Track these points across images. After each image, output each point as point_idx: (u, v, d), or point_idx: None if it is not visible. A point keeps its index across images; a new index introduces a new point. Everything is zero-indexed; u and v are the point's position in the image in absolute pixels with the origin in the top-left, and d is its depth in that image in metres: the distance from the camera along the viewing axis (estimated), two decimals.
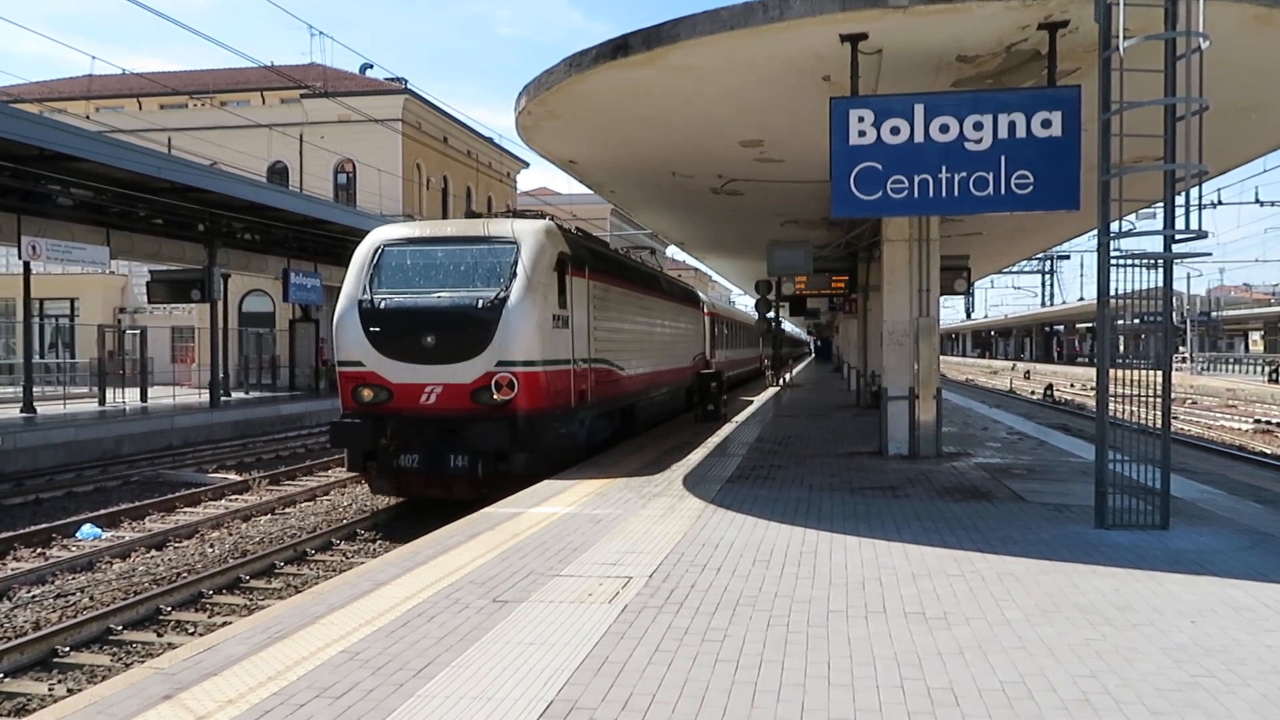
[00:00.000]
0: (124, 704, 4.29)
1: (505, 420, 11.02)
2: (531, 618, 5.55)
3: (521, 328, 11.24)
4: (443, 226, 12.76)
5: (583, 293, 13.25)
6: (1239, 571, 6.55)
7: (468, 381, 11.25)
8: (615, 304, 15.27)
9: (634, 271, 18.04)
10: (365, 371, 11.60)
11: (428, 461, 11.39)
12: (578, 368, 12.77)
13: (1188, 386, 44.14)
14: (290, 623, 5.51)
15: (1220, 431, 28.67)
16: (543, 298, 11.55)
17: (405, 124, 41.95)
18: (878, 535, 7.82)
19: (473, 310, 11.31)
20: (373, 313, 11.62)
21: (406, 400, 11.45)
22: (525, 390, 11.23)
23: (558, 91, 9.77)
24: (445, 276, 11.71)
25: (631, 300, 16.61)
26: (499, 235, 11.90)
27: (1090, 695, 4.30)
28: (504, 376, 11.15)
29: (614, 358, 14.92)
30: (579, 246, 13.57)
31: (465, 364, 11.24)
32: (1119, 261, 7.94)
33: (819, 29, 7.99)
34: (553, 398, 11.82)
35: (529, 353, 11.31)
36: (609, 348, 14.63)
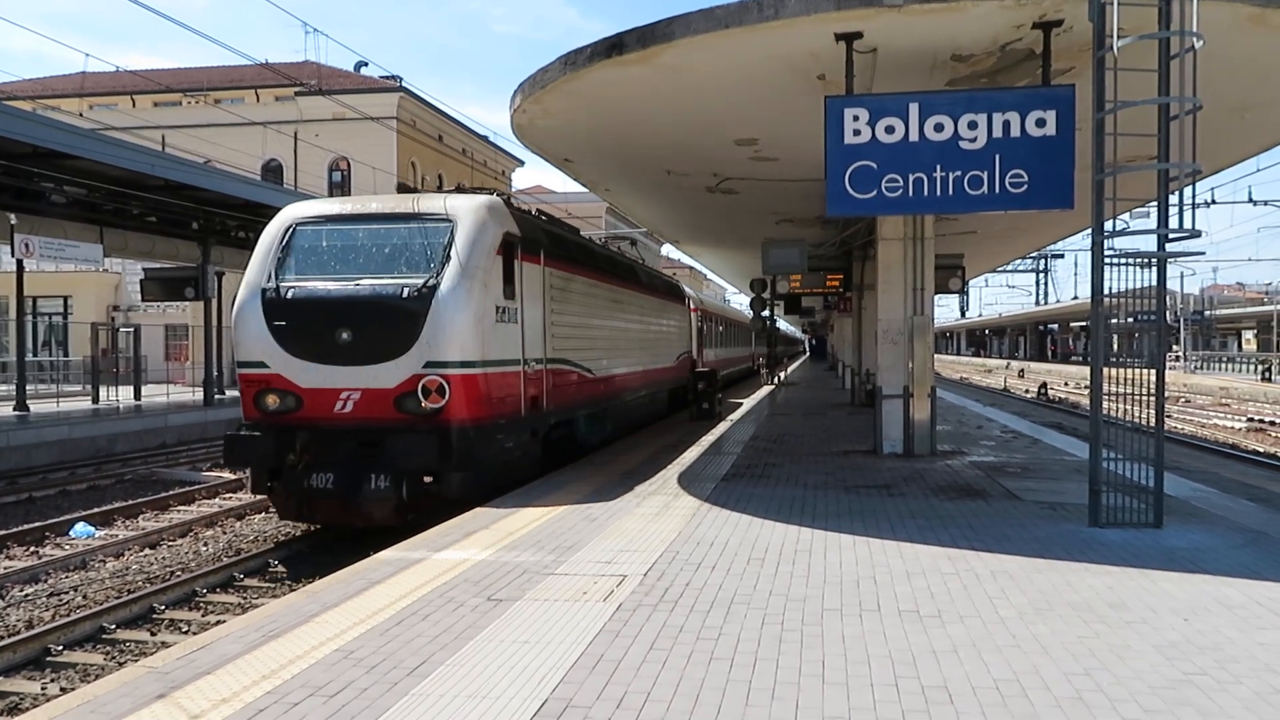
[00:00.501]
0: (117, 703, 4.28)
1: (435, 432, 9.33)
2: (525, 616, 5.55)
3: (455, 321, 9.51)
4: (367, 202, 10.79)
5: (537, 282, 11.48)
6: (1232, 569, 6.57)
7: (391, 386, 9.54)
8: (580, 296, 13.53)
9: (604, 260, 15.96)
10: (269, 374, 9.88)
11: (344, 482, 9.61)
12: (530, 369, 11.05)
13: (1181, 385, 44.27)
14: (284, 621, 5.50)
15: (1213, 430, 28.77)
16: (482, 286, 9.79)
17: (400, 122, 41.91)
18: (872, 533, 7.83)
19: (396, 300, 9.56)
20: (278, 304, 9.86)
21: (318, 408, 9.73)
22: (460, 396, 9.50)
23: (553, 90, 9.76)
24: (366, 260, 10.00)
25: (600, 292, 14.81)
26: (430, 212, 10.15)
27: (1084, 693, 4.31)
28: (433, 380, 9.44)
29: (578, 358, 13.20)
30: (532, 228, 11.71)
31: (388, 365, 9.54)
32: (1113, 260, 7.96)
33: (814, 28, 8.00)
34: (496, 405, 10.07)
35: (464, 351, 9.58)
36: (571, 346, 12.92)
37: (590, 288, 14.14)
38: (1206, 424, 30.29)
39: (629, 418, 17.18)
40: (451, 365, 9.51)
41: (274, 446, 9.74)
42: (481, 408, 9.81)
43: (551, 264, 12.10)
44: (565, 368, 12.58)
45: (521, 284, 10.87)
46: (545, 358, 11.64)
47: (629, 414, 17.16)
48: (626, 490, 10.16)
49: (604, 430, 15.21)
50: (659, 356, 19.99)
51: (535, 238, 11.60)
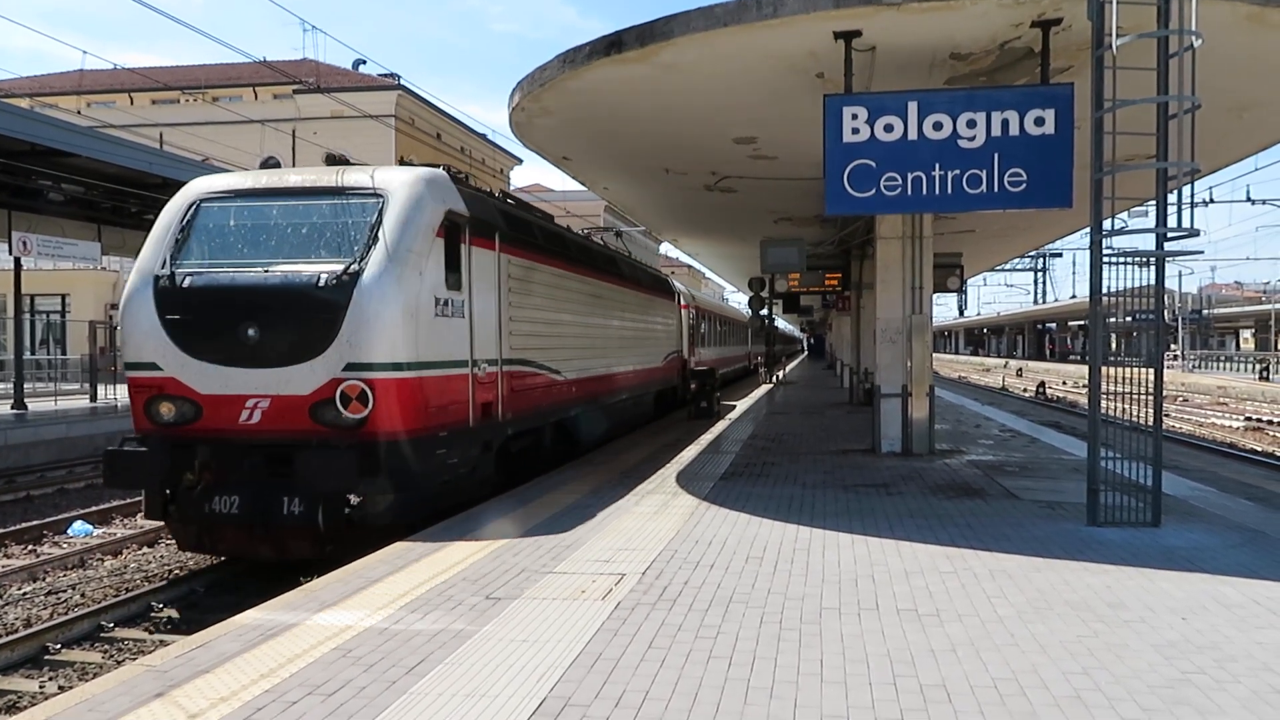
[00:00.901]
0: (115, 701, 4.27)
1: (357, 448, 7.91)
2: (524, 615, 5.54)
3: (381, 315, 8.10)
4: (285, 175, 9.32)
5: (490, 270, 10.02)
6: (1230, 568, 6.58)
7: (305, 392, 8.11)
8: (547, 288, 12.08)
9: (578, 249, 14.25)
10: (163, 378, 8.39)
11: (251, 506, 8.22)
12: (481, 372, 9.62)
13: (1179, 384, 44.31)
14: (283, 620, 5.49)
15: (1211, 429, 28.79)
16: (416, 273, 8.41)
17: (398, 120, 41.89)
18: (870, 532, 7.83)
19: (310, 290, 8.14)
20: (173, 294, 8.42)
21: (221, 418, 8.29)
22: (387, 404, 8.09)
23: (551, 88, 9.76)
24: (280, 243, 8.60)
25: (573, 285, 13.36)
26: (357, 186, 8.75)
27: (1082, 692, 4.31)
28: (354, 385, 8.02)
29: (543, 358, 11.82)
30: (484, 207, 10.17)
31: (302, 368, 8.10)
32: (1111, 259, 7.96)
33: (813, 26, 7.99)
34: (435, 414, 8.66)
35: (393, 350, 8.17)
36: (536, 345, 11.52)
37: (560, 279, 12.74)
38: (1204, 423, 30.32)
39: (608, 424, 15.73)
40: (377, 367, 8.11)
41: (168, 464, 8.28)
42: (416, 417, 8.39)
43: (510, 250, 10.66)
44: (528, 369, 11.20)
45: (470, 272, 9.43)
46: (501, 358, 10.23)
47: (608, 420, 15.73)
48: (625, 489, 10.16)
49: (577, 439, 13.80)
50: (644, 356, 18.70)
51: (488, 219, 10.11)
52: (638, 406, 18.39)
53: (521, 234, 11.30)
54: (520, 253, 11.07)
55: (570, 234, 14.79)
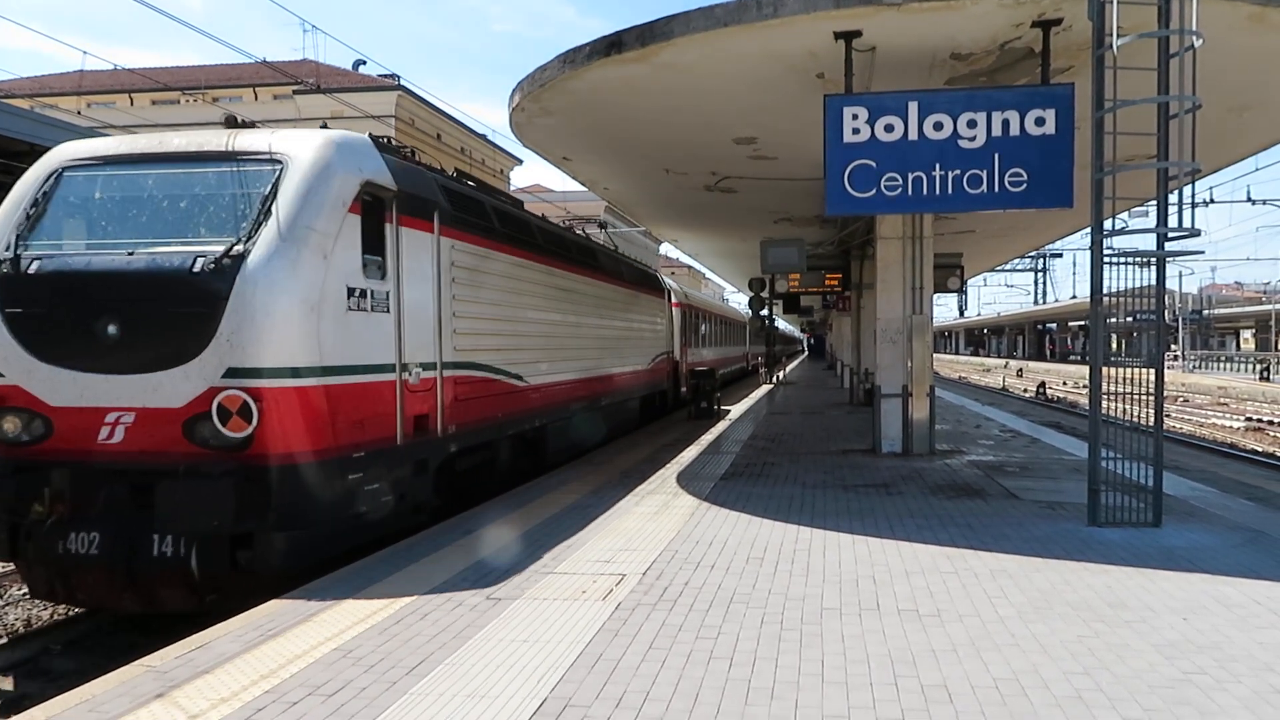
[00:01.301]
0: (115, 702, 4.27)
1: (237, 474, 6.50)
2: (524, 615, 5.54)
3: (272, 307, 6.64)
4: (167, 139, 7.64)
5: (427, 256, 8.57)
6: (1231, 569, 6.57)
7: (178, 404, 6.59)
8: (504, 280, 10.55)
9: (547, 237, 12.60)
10: (4, 386, 6.91)
11: (113, 546, 6.62)
12: (414, 378, 8.19)
13: (1180, 384, 44.30)
14: (283, 620, 5.49)
15: (1212, 429, 28.78)
16: (319, 257, 6.93)
17: (398, 120, 41.90)
18: (871, 532, 7.82)
19: (183, 277, 6.62)
20: (17, 283, 6.91)
21: (76, 437, 6.78)
22: (280, 419, 6.62)
23: (551, 88, 9.76)
24: (153, 219, 7.11)
25: (537, 277, 11.76)
26: (250, 151, 7.26)
27: (1083, 692, 4.31)
28: (234, 395, 6.53)
29: (499, 360, 10.27)
30: (419, 182, 8.62)
31: (173, 374, 6.59)
32: (1112, 259, 7.96)
33: (813, 26, 7.99)
34: (348, 429, 7.20)
35: (287, 352, 6.71)
36: (489, 346, 10.00)
37: (523, 270, 11.16)
38: (1205, 423, 30.31)
39: (583, 434, 14.24)
40: (267, 373, 6.59)
41: (13, 492, 6.80)
42: (318, 435, 6.87)
43: (457, 234, 9.13)
44: (479, 374, 9.64)
45: (399, 258, 8.01)
46: (442, 361, 8.71)
47: (583, 429, 14.25)
48: (625, 489, 10.15)
49: (544, 453, 12.31)
50: (627, 358, 17.22)
51: (425, 195, 8.60)
52: (621, 413, 16.93)
53: (472, 216, 9.73)
54: (470, 238, 9.53)
55: (539, 220, 13.04)
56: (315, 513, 6.87)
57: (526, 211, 12.45)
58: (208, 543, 6.58)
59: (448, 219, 8.98)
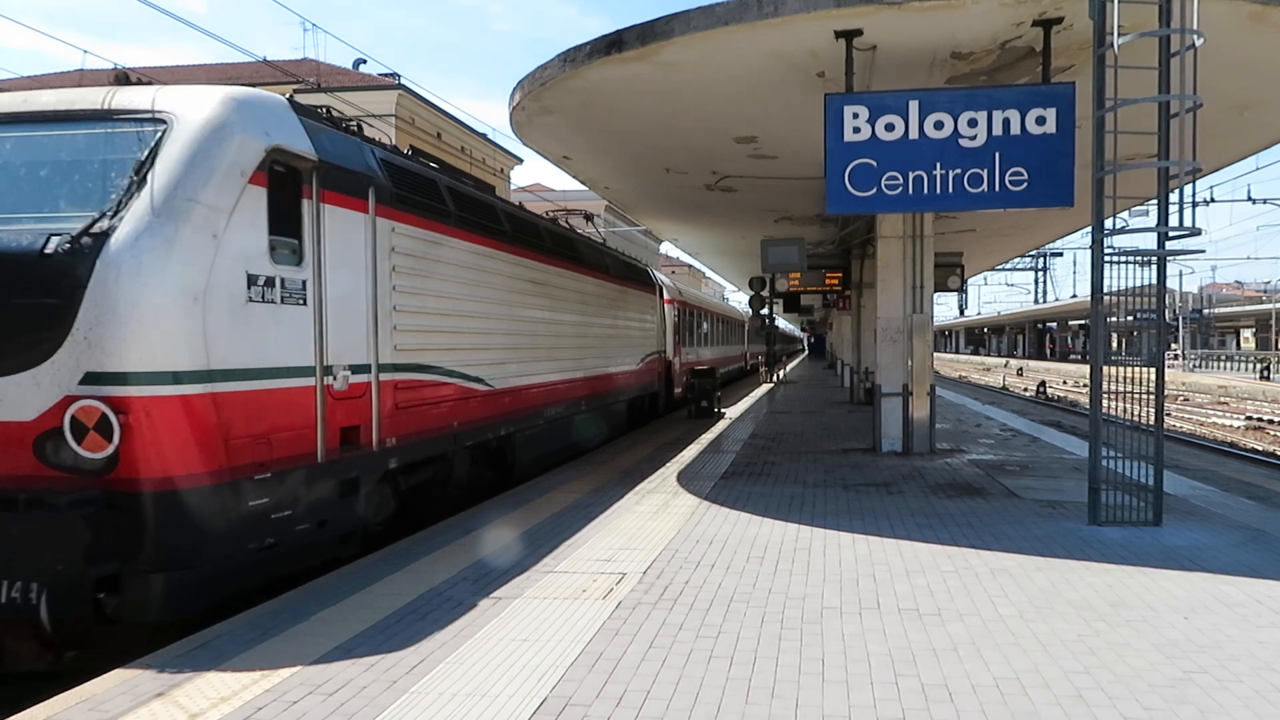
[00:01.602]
0: (115, 701, 4.27)
1: (97, 504, 5.38)
2: (525, 614, 5.54)
3: (141, 296, 5.49)
4: (35, 97, 6.52)
5: (359, 240, 7.34)
6: (1231, 568, 6.57)
7: (28, 417, 5.45)
8: (463, 270, 9.33)
9: (514, 223, 11.21)
10: None
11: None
12: (340, 383, 6.98)
13: (1180, 383, 44.30)
14: (284, 619, 5.49)
15: (1212, 428, 28.77)
16: (206, 236, 5.75)
17: (399, 119, 41.86)
18: (871, 531, 7.82)
19: (32, 260, 5.46)
20: None
21: None
22: (155, 434, 5.47)
23: (552, 87, 9.75)
24: (6, 191, 5.93)
25: (504, 268, 10.47)
26: (130, 109, 6.08)
27: (1084, 691, 4.30)
28: (90, 407, 5.39)
29: (453, 362, 9.04)
30: (349, 152, 7.45)
31: (22, 379, 5.44)
32: (1112, 259, 7.96)
33: (814, 25, 7.99)
34: (248, 446, 5.98)
35: (163, 353, 5.55)
36: (442, 345, 8.79)
37: (484, 260, 9.88)
38: (1205, 422, 30.30)
39: (558, 441, 13.06)
40: (135, 379, 5.44)
41: None
42: (207, 454, 5.66)
43: (399, 215, 7.99)
44: (427, 378, 8.47)
45: (321, 241, 6.82)
46: (378, 362, 7.54)
47: (559, 437, 13.05)
48: (625, 488, 10.15)
49: (511, 464, 11.12)
50: (613, 358, 15.97)
51: (357, 168, 7.41)
52: (605, 418, 15.75)
53: (421, 196, 8.56)
54: (419, 221, 8.39)
55: (507, 206, 11.72)
56: (203, 548, 5.69)
57: (494, 196, 11.22)
58: (61, 587, 5.34)
59: (388, 198, 7.84)
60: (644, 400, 19.25)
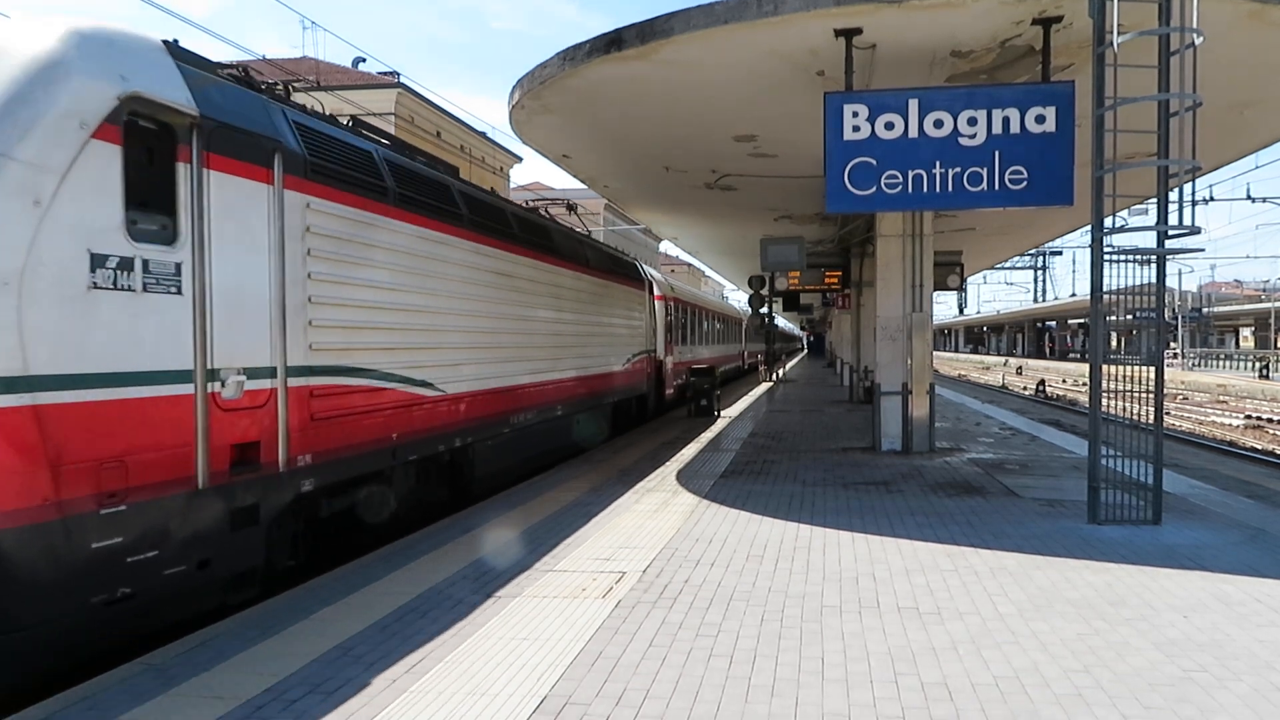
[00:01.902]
0: (115, 700, 4.26)
1: None
2: (524, 613, 5.54)
3: None
4: None
5: (260, 217, 6.15)
6: (1231, 566, 6.58)
7: None
8: (404, 258, 8.06)
9: (470, 206, 9.84)
10: None
11: None
12: (235, 391, 5.87)
13: (1179, 382, 44.32)
14: (282, 618, 5.49)
15: (1211, 427, 28.79)
16: (25, 202, 4.65)
17: (398, 118, 41.83)
18: (871, 530, 7.82)
19: None
20: None
21: None
22: None
23: (551, 85, 9.75)
24: None
25: (458, 255, 9.21)
26: None
27: (1083, 690, 4.31)
28: None
29: (390, 363, 7.76)
30: (249, 112, 6.24)
31: None
32: (1112, 257, 7.96)
33: (813, 23, 7.99)
34: (91, 474, 4.83)
35: None
36: (376, 344, 7.56)
37: (434, 246, 8.70)
38: (1204, 421, 30.32)
39: (525, 451, 11.67)
40: None
41: None
42: (22, 486, 4.53)
43: (319, 190, 6.78)
44: (356, 383, 7.25)
45: (205, 216, 5.64)
46: (289, 365, 6.31)
47: (526, 445, 11.65)
48: (625, 487, 10.15)
49: (466, 478, 9.81)
50: (594, 358, 14.68)
51: (257, 130, 6.17)
52: (583, 425, 14.46)
53: (348, 168, 7.35)
54: (346, 197, 7.19)
55: (466, 186, 10.30)
56: (19, 607, 4.55)
57: (450, 175, 9.95)
58: None
59: (302, 168, 6.61)
60: (630, 403, 18.12)
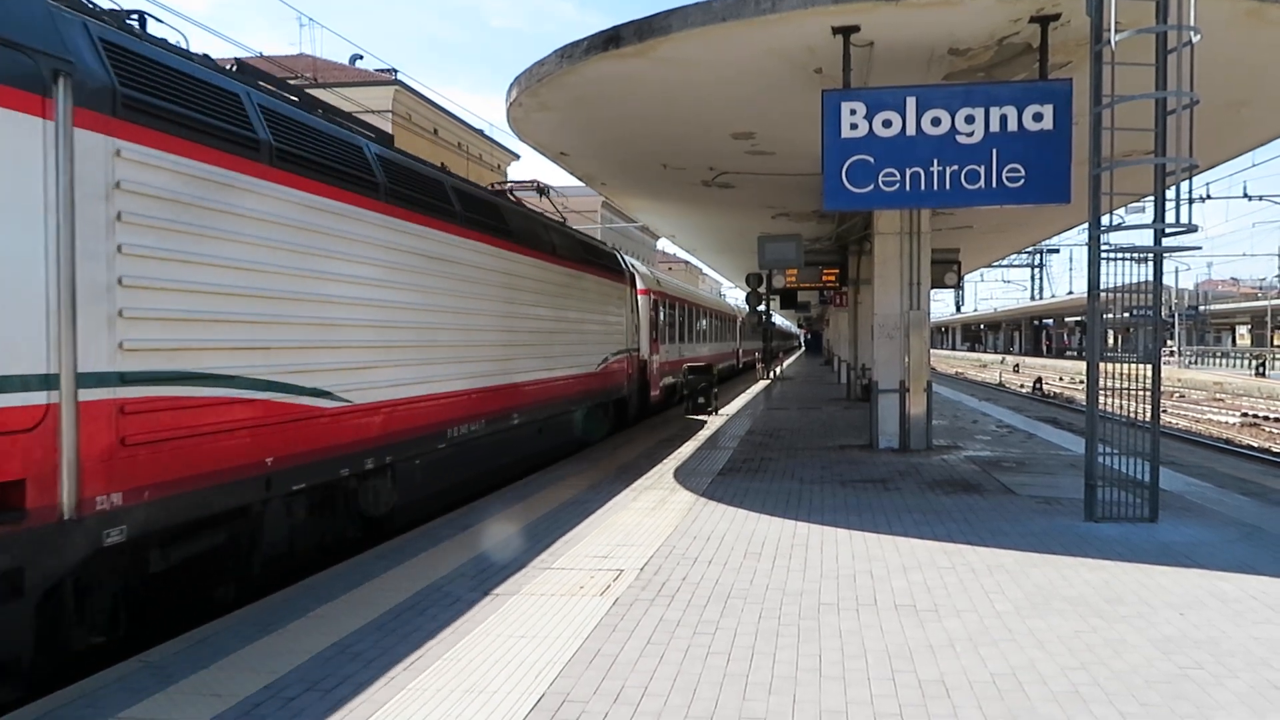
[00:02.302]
0: (114, 697, 4.26)
1: None
2: (522, 611, 5.54)
3: None
4: None
5: (29, 164, 4.49)
6: (1227, 564, 6.59)
7: None
8: (280, 231, 6.43)
9: (383, 169, 8.13)
10: None
11: None
12: None
13: (1176, 380, 44.36)
14: (281, 615, 5.49)
15: (1208, 425, 28.83)
16: None
17: (396, 115, 41.77)
18: (868, 528, 7.83)
19: None
20: None
21: None
22: None
23: (549, 83, 9.73)
24: None
25: (368, 233, 7.60)
26: None
27: (1080, 687, 4.32)
28: None
29: (258, 368, 6.16)
30: (14, 13, 4.56)
31: None
32: (1109, 255, 7.97)
33: (811, 21, 7.98)
34: None
35: None
36: (234, 340, 5.93)
37: (331, 221, 7.03)
38: (1201, 419, 30.36)
39: (471, 469, 10.11)
40: None
41: None
42: None
43: (137, 133, 5.19)
44: (201, 394, 5.62)
45: None
46: (83, 371, 4.76)
47: (471, 463, 10.07)
48: (622, 484, 10.16)
49: (385, 505, 8.15)
50: (562, 358, 13.07)
51: (23, 40, 4.54)
52: (550, 432, 12.91)
53: (192, 109, 5.68)
54: (189, 148, 5.58)
55: (388, 149, 8.69)
56: None
57: (372, 138, 8.41)
58: None
59: (108, 102, 4.98)
60: (607, 408, 16.39)
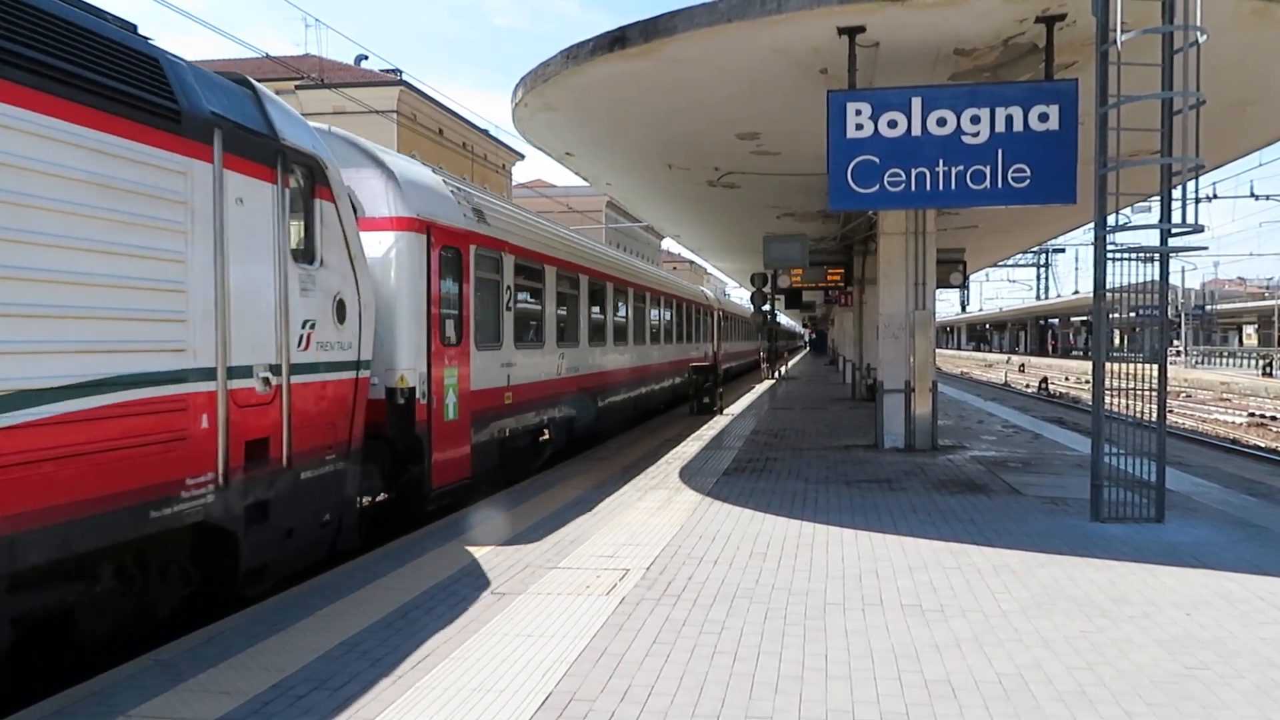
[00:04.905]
0: (123, 695, 4.29)
1: None
2: (529, 610, 5.56)
3: None
4: None
5: None
6: (1233, 564, 6.58)
7: None
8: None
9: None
10: None
11: None
12: None
13: (1182, 380, 44.26)
14: (290, 615, 5.51)
15: (1214, 425, 28.76)
16: None
17: (401, 115, 41.86)
18: (874, 528, 7.84)
19: None
20: None
21: None
22: None
23: (554, 84, 9.75)
24: None
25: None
26: None
27: (1086, 687, 4.32)
28: None
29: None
30: None
31: None
32: (1115, 255, 7.96)
33: (817, 22, 7.99)
34: None
35: None
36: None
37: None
38: (1207, 419, 30.29)
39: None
40: None
41: None
42: None
43: None
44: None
45: None
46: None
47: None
48: (627, 484, 10.17)
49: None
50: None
51: None
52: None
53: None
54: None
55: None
56: None
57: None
58: None
59: None
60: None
